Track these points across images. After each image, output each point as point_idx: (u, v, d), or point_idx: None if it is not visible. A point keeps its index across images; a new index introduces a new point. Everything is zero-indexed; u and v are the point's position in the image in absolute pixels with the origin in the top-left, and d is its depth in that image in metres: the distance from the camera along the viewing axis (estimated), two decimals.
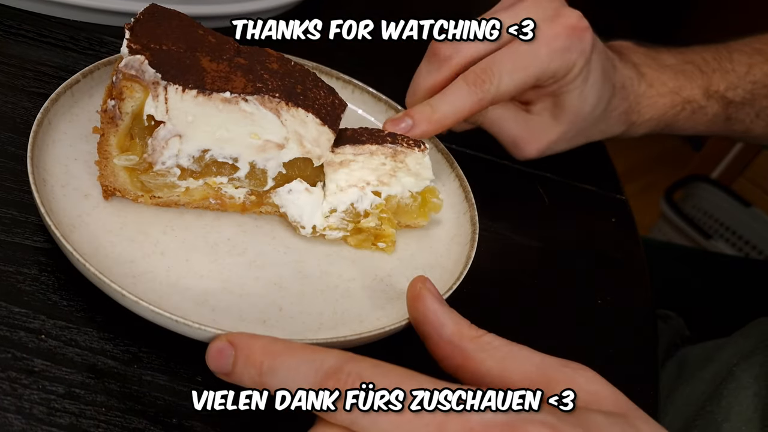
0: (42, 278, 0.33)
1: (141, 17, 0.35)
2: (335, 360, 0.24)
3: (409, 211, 0.41)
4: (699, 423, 0.48)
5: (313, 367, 0.24)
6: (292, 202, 0.38)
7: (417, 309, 0.30)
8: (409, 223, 0.41)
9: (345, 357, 0.25)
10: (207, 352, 0.27)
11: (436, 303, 0.30)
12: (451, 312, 0.29)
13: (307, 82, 0.37)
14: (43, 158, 0.36)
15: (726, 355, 0.52)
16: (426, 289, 0.30)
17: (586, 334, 0.44)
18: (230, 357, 0.26)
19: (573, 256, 0.49)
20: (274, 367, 0.25)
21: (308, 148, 0.37)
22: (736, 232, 1.39)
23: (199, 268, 0.35)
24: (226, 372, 0.26)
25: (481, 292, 0.41)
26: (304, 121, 0.36)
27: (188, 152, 0.36)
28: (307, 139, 0.36)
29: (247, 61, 0.36)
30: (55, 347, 0.31)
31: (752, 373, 0.48)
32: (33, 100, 0.42)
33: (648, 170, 1.87)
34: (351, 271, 0.38)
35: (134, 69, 0.32)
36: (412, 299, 0.30)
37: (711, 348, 0.55)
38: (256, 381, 0.26)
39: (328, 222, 0.39)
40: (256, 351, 0.26)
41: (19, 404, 0.28)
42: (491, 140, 0.51)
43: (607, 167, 0.60)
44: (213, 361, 0.27)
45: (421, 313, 0.30)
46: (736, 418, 0.47)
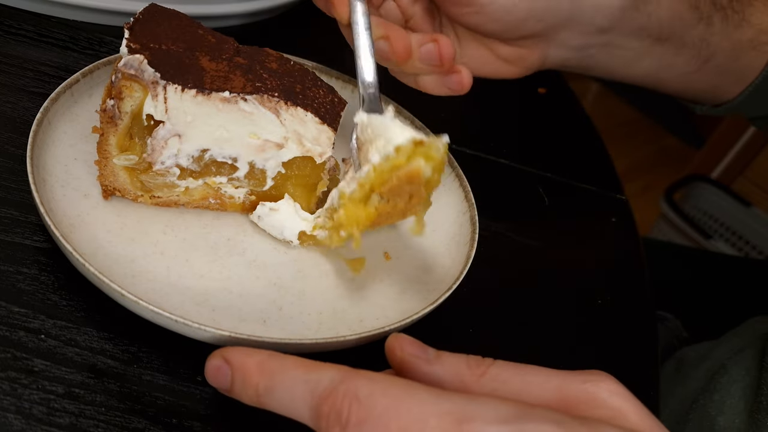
0: (42, 278, 0.33)
1: (140, 17, 0.35)
2: (329, 380, 0.24)
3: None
4: (692, 417, 0.48)
5: (308, 388, 0.24)
6: (269, 225, 0.38)
7: (406, 377, 0.27)
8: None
9: (339, 376, 0.24)
10: (205, 369, 0.27)
11: (423, 365, 0.26)
12: (442, 363, 0.26)
13: (306, 81, 0.37)
14: (42, 158, 0.36)
15: (719, 353, 0.52)
16: (407, 355, 0.27)
17: (587, 335, 0.44)
18: (228, 375, 0.26)
19: (573, 256, 0.49)
20: (271, 387, 0.25)
21: (308, 147, 0.37)
22: (736, 232, 1.39)
23: (198, 267, 0.35)
24: (226, 389, 0.26)
25: (481, 293, 0.41)
26: (303, 120, 0.36)
27: (187, 152, 0.36)
28: (307, 138, 0.36)
29: (247, 60, 0.36)
30: (55, 347, 0.31)
31: (744, 365, 0.48)
32: (33, 100, 0.42)
33: (648, 170, 1.87)
34: (350, 272, 0.38)
35: (133, 68, 0.32)
36: (398, 371, 0.27)
37: (705, 348, 0.55)
38: (254, 401, 0.25)
39: (317, 221, 0.38)
40: (251, 370, 0.25)
41: (18, 404, 0.28)
42: (491, 140, 0.51)
43: (607, 167, 0.60)
44: (212, 379, 0.27)
45: (413, 380, 0.26)
46: (729, 411, 0.47)
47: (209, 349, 0.31)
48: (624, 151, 1.81)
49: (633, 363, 0.44)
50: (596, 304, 0.46)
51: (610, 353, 0.43)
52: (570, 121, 0.66)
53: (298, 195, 0.39)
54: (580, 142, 0.63)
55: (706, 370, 0.51)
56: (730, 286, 0.50)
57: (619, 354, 0.44)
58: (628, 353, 0.44)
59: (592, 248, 0.51)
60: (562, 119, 0.66)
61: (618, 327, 0.45)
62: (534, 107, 0.65)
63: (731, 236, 1.40)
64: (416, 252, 0.41)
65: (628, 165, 1.81)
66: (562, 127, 0.65)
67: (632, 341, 0.45)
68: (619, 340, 0.45)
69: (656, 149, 1.96)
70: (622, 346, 0.44)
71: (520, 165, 0.54)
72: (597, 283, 0.48)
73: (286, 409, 0.25)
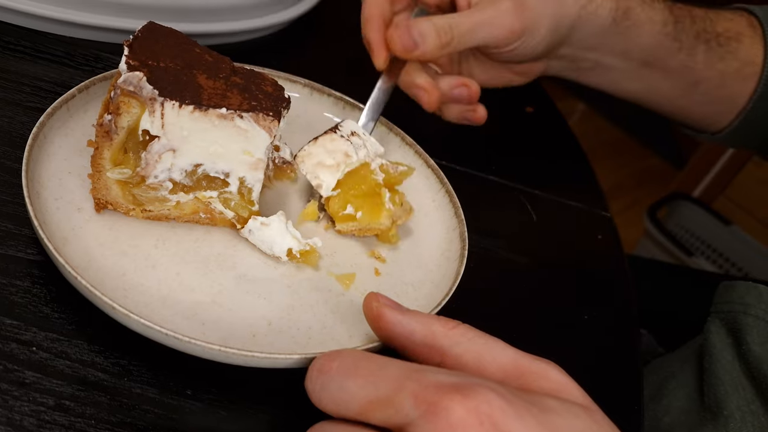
0: (34, 290, 0.33)
1: (139, 34, 0.36)
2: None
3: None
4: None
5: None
6: (259, 240, 0.38)
7: (381, 328, 0.30)
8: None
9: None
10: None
11: (397, 314, 0.30)
12: (415, 314, 0.30)
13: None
14: (37, 171, 0.36)
15: (669, 363, 0.54)
16: (382, 305, 0.30)
17: (572, 349, 0.45)
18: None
19: (560, 272, 0.50)
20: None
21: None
22: (717, 250, 1.42)
23: (189, 281, 0.36)
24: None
25: (470, 308, 0.42)
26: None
27: (181, 166, 0.36)
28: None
29: (243, 80, 0.37)
30: (46, 359, 0.31)
31: (690, 371, 0.50)
32: (29, 115, 0.42)
33: (632, 188, 1.90)
34: (340, 287, 0.39)
35: (132, 85, 0.33)
36: (374, 320, 0.30)
37: (660, 360, 0.56)
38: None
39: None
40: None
41: (9, 416, 0.28)
42: (481, 156, 0.52)
43: (593, 185, 0.62)
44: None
45: (387, 330, 0.30)
46: (675, 412, 0.48)
47: (199, 362, 0.31)
48: (609, 168, 1.83)
49: (617, 378, 0.45)
50: (582, 319, 0.47)
51: (594, 368, 0.44)
52: (557, 140, 0.67)
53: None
54: (566, 160, 0.65)
55: (657, 379, 0.52)
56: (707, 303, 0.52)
57: (603, 368, 0.45)
58: (612, 368, 0.45)
59: (579, 264, 0.52)
60: (549, 138, 0.67)
61: (603, 342, 0.46)
62: (522, 126, 0.66)
63: (712, 253, 1.42)
64: (406, 268, 0.41)
65: (613, 182, 1.83)
66: (549, 146, 0.66)
67: (616, 356, 0.46)
68: (604, 355, 0.45)
69: (640, 168, 1.99)
70: (607, 361, 0.45)
71: (509, 182, 0.55)
72: (583, 299, 0.49)
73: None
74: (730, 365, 0.45)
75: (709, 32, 0.54)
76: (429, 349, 0.28)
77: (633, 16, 0.51)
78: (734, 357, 0.45)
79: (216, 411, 0.32)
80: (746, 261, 1.36)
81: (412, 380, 0.24)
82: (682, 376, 0.50)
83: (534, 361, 0.28)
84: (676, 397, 0.49)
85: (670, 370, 0.52)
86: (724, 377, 0.45)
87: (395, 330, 0.29)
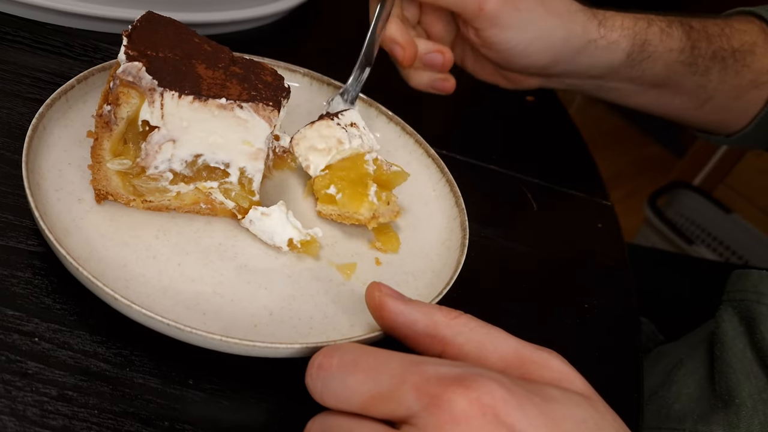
0: (36, 281, 0.33)
1: (138, 24, 0.36)
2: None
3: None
4: (650, 407, 0.50)
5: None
6: (260, 230, 0.38)
7: (384, 318, 0.30)
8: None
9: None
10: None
11: (400, 304, 0.30)
12: (417, 304, 0.30)
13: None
14: (37, 162, 0.36)
15: (677, 351, 0.54)
16: (384, 294, 0.30)
17: (572, 337, 0.45)
18: None
19: (560, 261, 0.50)
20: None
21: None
22: (717, 238, 1.42)
23: (190, 272, 0.36)
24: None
25: (470, 297, 0.42)
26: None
27: (181, 156, 0.36)
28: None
29: (242, 70, 0.37)
30: (49, 350, 0.31)
31: (699, 359, 0.50)
32: (29, 106, 0.42)
33: (633, 176, 1.90)
34: (341, 276, 0.39)
35: (131, 75, 0.33)
36: (376, 310, 0.30)
37: (666, 348, 0.57)
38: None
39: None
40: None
41: (12, 406, 0.28)
42: (480, 146, 0.52)
43: (593, 173, 0.61)
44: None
45: (390, 320, 0.30)
46: (685, 399, 0.48)
47: (200, 352, 0.31)
48: (609, 157, 1.83)
49: (617, 366, 0.45)
50: (583, 307, 0.47)
51: (595, 355, 0.44)
52: (557, 129, 0.67)
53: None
54: (567, 148, 0.65)
55: (665, 366, 0.52)
56: (709, 291, 0.52)
57: (603, 356, 0.45)
58: (613, 356, 0.45)
59: (579, 253, 0.52)
60: (550, 126, 0.67)
61: (603, 330, 0.46)
62: (522, 115, 0.66)
63: (712, 242, 1.42)
64: (406, 257, 0.41)
65: (613, 172, 1.83)
66: (549, 134, 0.66)
67: (617, 344, 0.46)
68: (604, 343, 0.46)
69: (640, 156, 1.99)
70: (607, 349, 0.45)
71: (509, 171, 0.55)
72: (583, 287, 0.49)
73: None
74: (742, 353, 0.45)
75: (726, 49, 0.52)
76: (431, 339, 0.28)
77: (650, 48, 0.49)
78: (746, 345, 0.45)
79: (218, 400, 0.32)
80: (747, 249, 1.37)
81: (413, 373, 0.24)
82: (690, 363, 0.50)
83: (536, 350, 0.28)
84: (686, 384, 0.49)
85: (677, 358, 0.52)
86: (736, 365, 0.45)
87: (397, 320, 0.29)
